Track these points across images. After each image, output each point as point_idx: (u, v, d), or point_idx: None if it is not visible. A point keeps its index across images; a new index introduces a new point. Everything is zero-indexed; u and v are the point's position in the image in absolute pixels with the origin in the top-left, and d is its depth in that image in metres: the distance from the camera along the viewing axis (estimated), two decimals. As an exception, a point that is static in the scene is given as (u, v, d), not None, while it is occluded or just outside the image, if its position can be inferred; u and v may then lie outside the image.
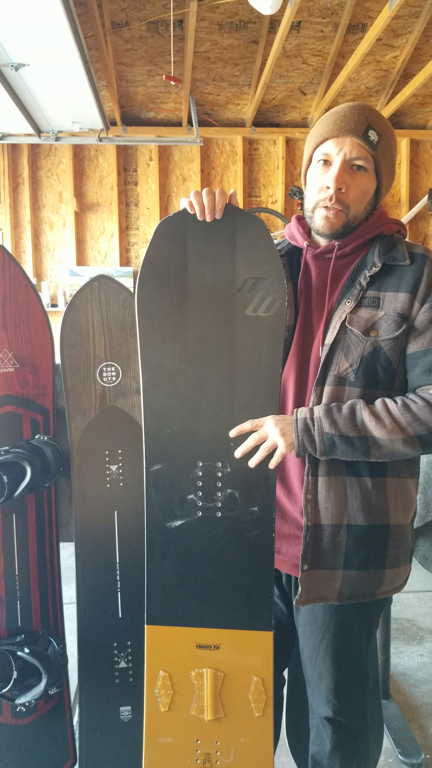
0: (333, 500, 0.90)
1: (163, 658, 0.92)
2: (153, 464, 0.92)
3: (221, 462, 0.91)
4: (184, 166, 3.93)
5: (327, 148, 0.92)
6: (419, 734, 1.47)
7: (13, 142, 3.66)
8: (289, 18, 2.46)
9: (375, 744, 1.05)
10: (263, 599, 0.91)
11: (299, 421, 0.88)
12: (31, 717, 1.18)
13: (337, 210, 0.91)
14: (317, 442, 0.88)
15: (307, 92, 3.56)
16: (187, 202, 0.90)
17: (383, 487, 0.92)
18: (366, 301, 0.91)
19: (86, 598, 1.14)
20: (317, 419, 0.88)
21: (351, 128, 0.90)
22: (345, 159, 0.90)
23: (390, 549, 0.93)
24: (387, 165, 0.94)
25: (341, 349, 0.90)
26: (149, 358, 0.92)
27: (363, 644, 0.98)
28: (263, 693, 0.91)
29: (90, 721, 1.16)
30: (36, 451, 1.12)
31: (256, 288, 0.90)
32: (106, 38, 2.89)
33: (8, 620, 1.14)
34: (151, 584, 0.92)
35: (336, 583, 0.92)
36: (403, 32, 2.93)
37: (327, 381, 0.90)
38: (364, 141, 0.89)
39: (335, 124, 0.91)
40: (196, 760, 0.92)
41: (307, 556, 0.91)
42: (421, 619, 2.02)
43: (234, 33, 2.94)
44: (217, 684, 0.91)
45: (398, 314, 0.89)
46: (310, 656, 0.98)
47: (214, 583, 0.91)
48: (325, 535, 0.91)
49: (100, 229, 3.93)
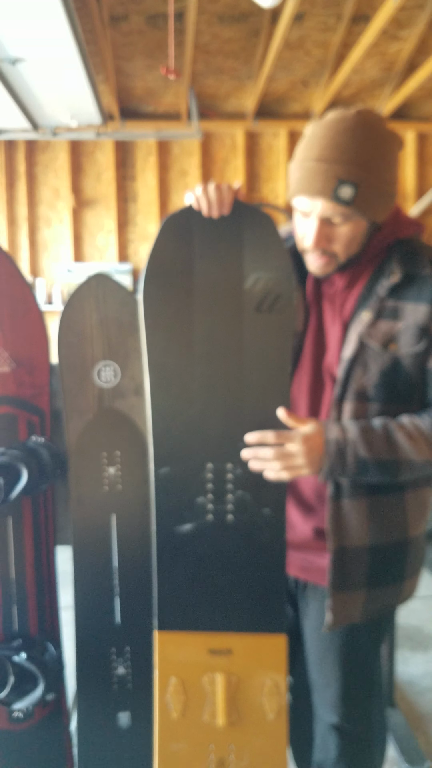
0: (356, 522, 0.88)
1: (175, 664, 0.92)
2: (161, 467, 0.90)
3: (231, 463, 0.89)
4: (184, 161, 3.89)
5: (301, 204, 0.87)
6: (424, 742, 1.46)
7: (9, 138, 3.62)
8: (291, 9, 2.42)
9: (379, 752, 1.04)
10: (276, 601, 0.91)
11: (330, 443, 0.82)
12: (27, 723, 1.16)
13: (326, 260, 0.88)
14: (350, 467, 0.83)
15: (310, 84, 3.52)
16: (193, 197, 0.87)
17: (403, 501, 0.90)
18: (385, 313, 0.86)
19: (83, 603, 1.12)
20: (351, 441, 0.82)
21: (318, 190, 0.82)
22: (320, 218, 0.85)
23: (408, 561, 0.92)
24: (376, 204, 0.85)
25: (359, 364, 0.86)
26: (155, 358, 0.90)
27: (372, 651, 0.97)
28: (277, 695, 0.91)
29: (88, 728, 1.15)
30: (32, 453, 1.10)
31: (263, 285, 0.87)
32: (104, 32, 2.84)
33: (4, 625, 1.13)
34: (162, 589, 0.91)
35: (360, 602, 0.90)
36: (408, 23, 2.89)
37: (347, 397, 0.87)
38: (335, 201, 0.82)
39: (303, 183, 0.84)
40: (209, 765, 0.92)
41: (335, 579, 0.88)
42: (427, 626, 2.00)
43: (235, 25, 2.90)
44: (230, 688, 0.91)
45: (419, 327, 0.85)
46: (316, 662, 0.96)
47: (226, 586, 0.90)
48: (349, 557, 0.89)
49: (97, 225, 3.89)
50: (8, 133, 3.57)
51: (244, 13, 2.80)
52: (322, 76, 3.39)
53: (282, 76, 3.39)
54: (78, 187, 3.85)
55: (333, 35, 2.98)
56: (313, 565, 0.94)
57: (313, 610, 0.96)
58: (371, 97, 3.67)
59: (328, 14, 2.81)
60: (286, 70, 3.32)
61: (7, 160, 3.78)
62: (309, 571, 0.95)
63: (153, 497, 0.91)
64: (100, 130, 3.55)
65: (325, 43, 3.06)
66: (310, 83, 3.51)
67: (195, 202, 0.87)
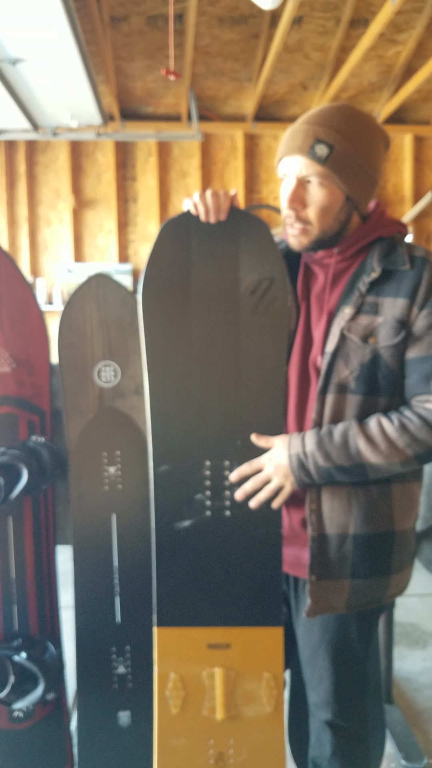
0: (337, 510, 0.89)
1: (174, 660, 0.93)
2: (160, 465, 0.92)
3: (228, 460, 0.91)
4: (184, 162, 3.90)
5: (282, 167, 0.91)
6: (422, 739, 1.46)
7: (10, 138, 3.62)
8: (290, 12, 2.43)
9: (376, 749, 1.04)
10: (273, 594, 0.92)
11: (293, 458, 0.88)
12: (28, 722, 1.16)
13: (300, 228, 0.90)
14: (314, 476, 0.87)
15: (309, 87, 3.53)
16: (191, 203, 0.89)
17: (389, 494, 0.91)
18: (365, 308, 0.89)
19: (84, 603, 1.12)
20: (310, 454, 0.87)
21: (298, 146, 0.87)
22: (296, 177, 0.89)
23: (395, 554, 0.92)
24: (351, 174, 0.88)
25: (341, 357, 0.88)
26: (154, 359, 0.92)
27: (363, 646, 0.97)
28: (274, 688, 0.92)
29: (88, 727, 1.15)
30: (32, 452, 1.10)
31: (259, 288, 0.90)
32: (104, 33, 2.85)
33: (5, 624, 1.13)
34: (161, 586, 0.93)
35: (344, 593, 0.91)
36: (406, 27, 2.90)
37: (329, 389, 0.89)
38: (310, 158, 0.86)
39: (286, 143, 0.90)
40: (209, 759, 0.92)
41: (314, 566, 0.90)
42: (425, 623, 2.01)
43: (235, 27, 2.91)
44: (229, 682, 0.92)
45: (397, 320, 0.87)
46: (309, 658, 0.97)
47: (224, 581, 0.92)
48: (331, 545, 0.90)
49: (98, 225, 3.90)
50: (8, 133, 3.57)
51: (244, 15, 2.81)
52: (320, 79, 3.41)
53: (281, 78, 3.40)
54: (78, 188, 3.85)
55: (331, 39, 2.99)
56: (301, 560, 0.95)
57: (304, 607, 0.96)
58: (369, 100, 3.69)
59: (327, 18, 2.82)
60: (286, 72, 3.33)
61: (7, 161, 3.78)
62: (298, 567, 0.96)
63: (152, 495, 0.93)
64: (101, 130, 3.56)
65: (323, 46, 3.08)
66: (309, 86, 3.52)
67: (193, 208, 0.89)
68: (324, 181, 0.88)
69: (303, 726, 1.06)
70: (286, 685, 1.11)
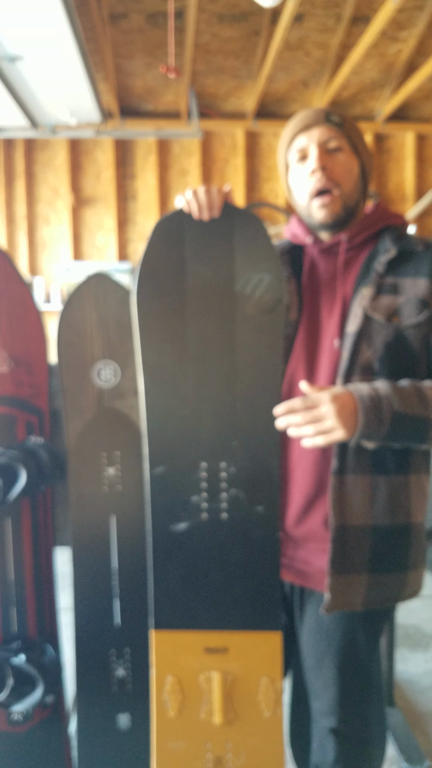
0: (359, 500, 0.88)
1: (172, 663, 0.92)
2: (155, 467, 0.91)
3: (225, 462, 0.90)
4: (184, 160, 3.88)
5: (300, 143, 0.94)
6: (423, 741, 1.46)
7: (8, 136, 3.61)
8: (291, 10, 2.41)
9: (378, 753, 1.03)
10: (271, 598, 0.91)
11: (365, 399, 0.79)
12: (27, 725, 1.15)
13: (329, 197, 0.91)
14: (385, 423, 0.79)
15: (310, 85, 3.52)
16: (184, 200, 0.88)
17: (407, 485, 0.90)
18: (385, 288, 0.89)
19: (83, 605, 1.11)
20: (385, 396, 0.80)
21: (314, 119, 0.93)
22: (319, 143, 0.92)
23: (412, 549, 0.92)
24: (362, 144, 0.96)
25: (365, 338, 0.87)
26: (149, 359, 0.90)
27: (369, 653, 0.96)
28: (273, 692, 0.91)
29: (87, 730, 1.14)
30: (31, 453, 1.09)
31: (254, 286, 0.89)
32: (104, 30, 2.83)
33: (3, 627, 1.12)
34: (158, 589, 0.92)
35: (362, 588, 0.89)
36: (408, 25, 2.89)
37: (354, 371, 0.87)
38: (329, 124, 0.93)
39: (300, 122, 0.94)
40: (207, 763, 0.92)
41: (335, 559, 0.88)
42: (427, 626, 2.01)
43: (235, 25, 2.89)
44: (227, 686, 0.91)
45: (419, 299, 0.87)
46: (314, 666, 0.96)
47: (221, 584, 0.91)
48: (351, 537, 0.88)
49: (97, 224, 3.88)
50: (7, 131, 3.56)
51: (244, 12, 2.79)
52: (321, 76, 3.39)
53: (282, 76, 3.38)
54: (77, 186, 3.83)
55: (332, 36, 2.98)
56: (310, 567, 0.93)
57: (310, 616, 0.95)
58: (370, 98, 3.67)
59: (328, 15, 2.80)
60: (286, 70, 3.32)
61: (5, 159, 3.77)
62: (306, 576, 0.94)
63: (148, 496, 0.92)
64: (100, 128, 3.54)
65: (324, 44, 3.06)
66: (309, 84, 3.51)
67: (185, 205, 0.88)
68: (344, 145, 0.93)
69: (305, 732, 1.05)
70: (285, 691, 1.11)
